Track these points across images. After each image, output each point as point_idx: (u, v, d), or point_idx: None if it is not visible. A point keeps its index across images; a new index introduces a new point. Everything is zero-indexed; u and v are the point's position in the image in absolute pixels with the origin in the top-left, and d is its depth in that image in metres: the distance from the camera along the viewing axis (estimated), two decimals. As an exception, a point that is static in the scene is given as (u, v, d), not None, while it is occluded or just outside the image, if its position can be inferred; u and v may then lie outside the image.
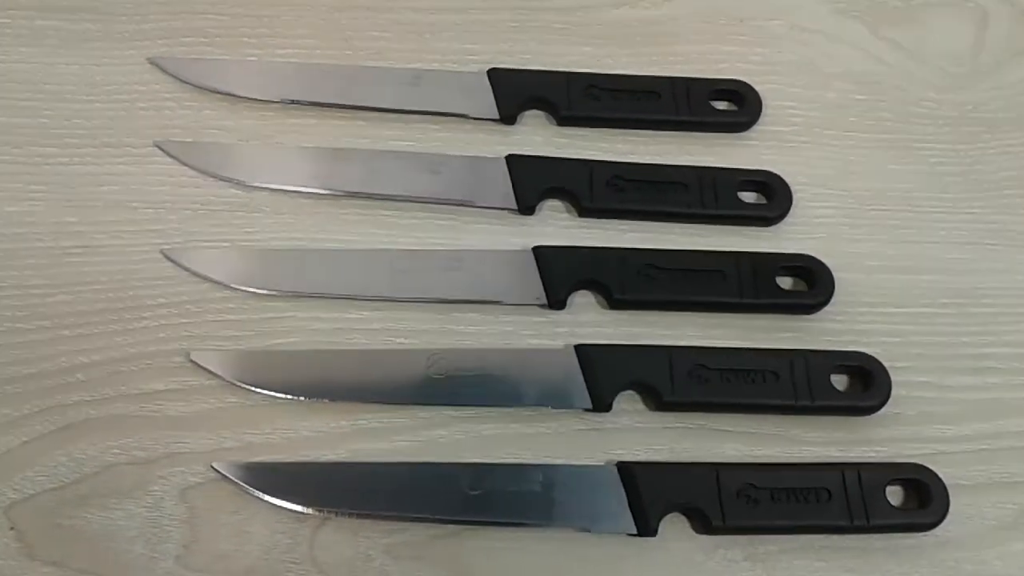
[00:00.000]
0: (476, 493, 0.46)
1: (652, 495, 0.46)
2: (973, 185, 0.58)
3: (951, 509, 0.47)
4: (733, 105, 0.59)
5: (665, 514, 0.46)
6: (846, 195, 0.57)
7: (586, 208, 0.54)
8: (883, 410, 0.50)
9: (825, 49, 0.62)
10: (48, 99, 0.55)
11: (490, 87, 0.57)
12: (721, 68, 0.60)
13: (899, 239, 0.56)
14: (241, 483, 0.45)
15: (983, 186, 0.58)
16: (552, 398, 0.49)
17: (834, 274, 0.53)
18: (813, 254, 0.54)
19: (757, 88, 0.59)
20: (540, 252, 0.52)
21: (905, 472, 0.48)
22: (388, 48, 0.59)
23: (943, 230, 0.57)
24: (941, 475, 0.48)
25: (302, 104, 0.56)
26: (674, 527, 0.47)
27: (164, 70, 0.56)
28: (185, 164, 0.53)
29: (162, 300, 0.50)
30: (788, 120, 0.59)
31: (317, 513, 0.45)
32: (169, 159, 0.54)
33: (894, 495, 0.48)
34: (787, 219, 0.56)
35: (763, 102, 0.59)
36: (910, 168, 0.59)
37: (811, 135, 0.59)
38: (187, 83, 0.56)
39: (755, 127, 0.59)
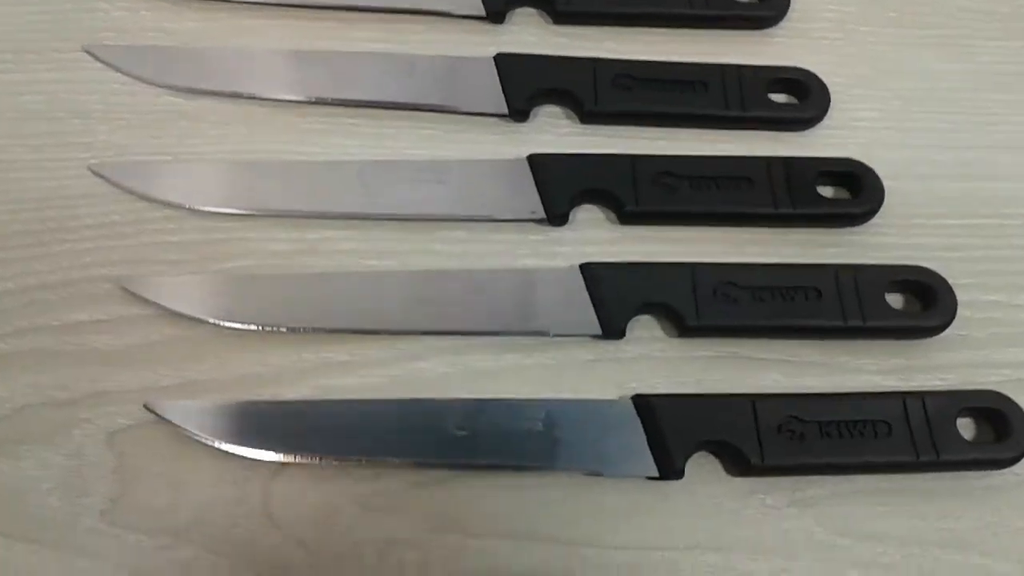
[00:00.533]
0: (464, 433, 0.38)
1: (676, 432, 0.38)
2: (1033, 85, 0.51)
3: (1034, 446, 0.39)
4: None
5: (692, 453, 0.39)
6: (889, 96, 0.50)
7: (589, 112, 0.46)
8: (947, 333, 0.43)
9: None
10: (-35, 4, 0.48)
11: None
12: (741, -34, 0.53)
13: (952, 144, 0.49)
14: (180, 425, 0.37)
15: (1045, 86, 0.51)
16: (555, 324, 0.41)
17: (884, 182, 0.45)
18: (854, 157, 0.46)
19: (781, -17, 0.52)
20: (536, 160, 0.44)
21: (978, 400, 0.40)
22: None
23: (1001, 133, 0.49)
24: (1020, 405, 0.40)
25: (255, 3, 0.49)
26: (703, 469, 0.39)
27: (97, -30, 0.49)
28: (118, 70, 0.46)
29: (89, 221, 0.42)
30: (819, 16, 0.52)
31: (273, 460, 0.37)
32: (100, 65, 0.46)
33: (965, 428, 0.40)
34: (823, 123, 0.48)
35: (790, -2, 0.51)
36: (959, 67, 0.51)
37: (845, 31, 0.52)
38: (123, -18, 0.48)
39: (782, 23, 0.51)
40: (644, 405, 0.39)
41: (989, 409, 0.40)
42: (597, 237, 0.44)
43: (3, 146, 0.44)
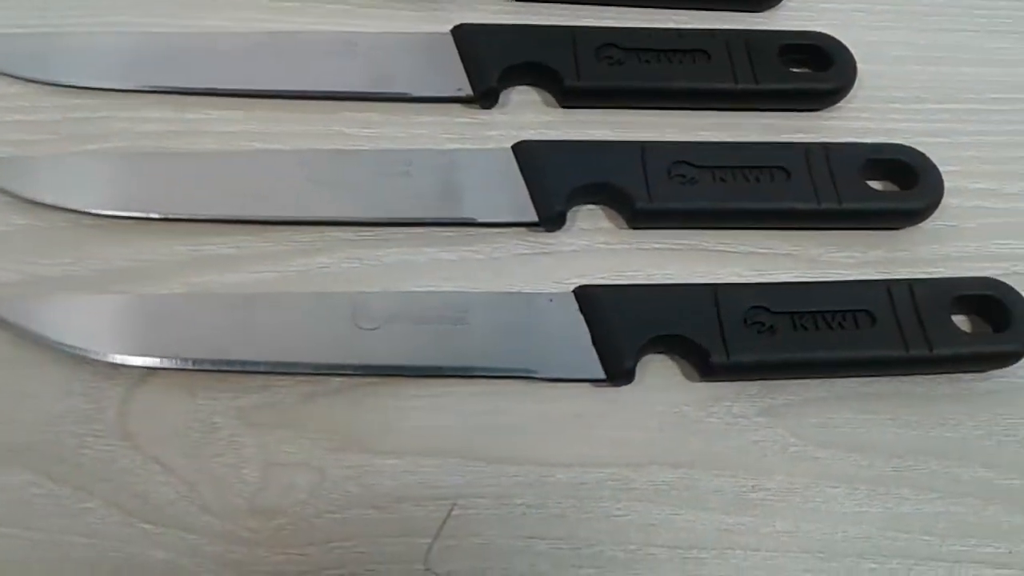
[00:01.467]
0: (370, 328, 0.32)
1: (625, 327, 0.32)
2: (1014, -30, 0.46)
3: (1036, 347, 0.34)
4: None
5: (644, 353, 0.33)
6: (860, -20, 0.45)
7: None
8: (932, 223, 0.37)
9: None
10: None
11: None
12: None
13: (929, 27, 0.44)
14: (19, 323, 0.30)
15: (1024, -29, 0.46)
16: (483, 210, 0.35)
17: (858, 66, 0.40)
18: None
19: None
20: (461, 31, 0.38)
21: (973, 287, 0.35)
22: None
23: (982, 18, 0.45)
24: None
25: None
26: (658, 373, 0.33)
27: None
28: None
29: (-77, 97, 0.36)
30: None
31: (135, 365, 0.30)
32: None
33: (960, 325, 0.34)
34: (786, 3, 0.43)
35: None
36: (934, -51, 0.46)
37: (809, -85, 0.46)
38: None
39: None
40: (586, 297, 0.33)
41: (986, 298, 0.34)
42: (533, 121, 0.38)
43: None
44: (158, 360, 0.30)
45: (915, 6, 0.44)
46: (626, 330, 0.32)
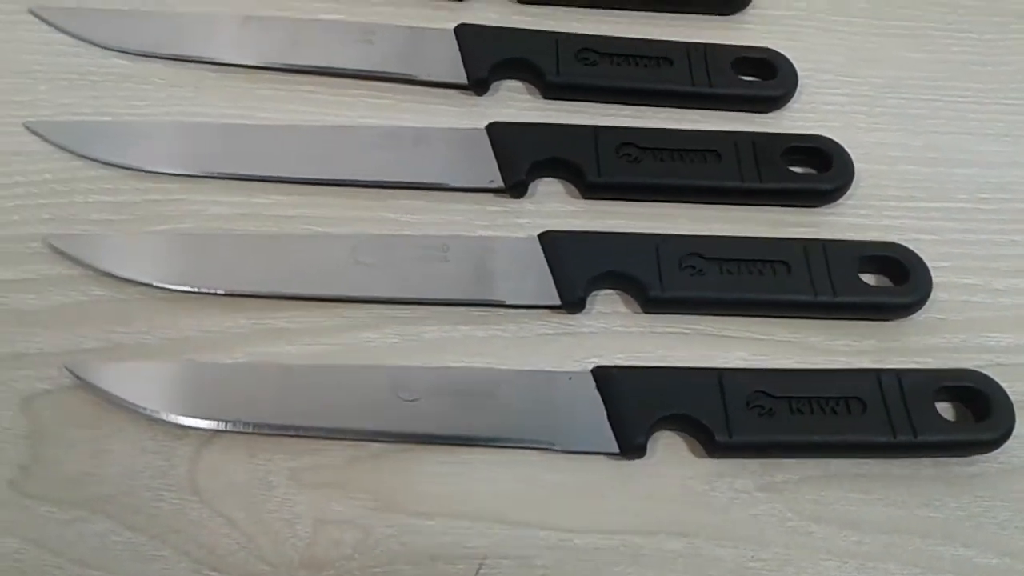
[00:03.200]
0: (411, 401, 0.36)
1: (637, 405, 0.36)
2: (1005, 76, 0.50)
3: (1015, 432, 0.37)
4: (722, -13, 0.51)
5: (655, 429, 0.36)
6: (859, 82, 0.49)
7: (551, 85, 0.45)
8: (923, 315, 0.41)
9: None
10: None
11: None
12: (705, -51, 0.52)
13: (925, 129, 0.47)
14: (102, 388, 0.34)
15: (1017, 78, 0.50)
16: (512, 293, 0.39)
17: (853, 162, 0.44)
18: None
19: (749, -25, 0.51)
20: (495, 128, 0.43)
21: (957, 379, 0.38)
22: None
23: (975, 121, 0.48)
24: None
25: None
26: (667, 448, 0.37)
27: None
28: (64, 31, 0.44)
29: (19, 178, 0.40)
30: (789, 4, 0.51)
31: (202, 428, 0.34)
32: (46, 27, 0.44)
33: (944, 412, 0.38)
34: (792, 104, 0.47)
35: (755, -15, 0.50)
36: (930, 57, 0.50)
37: (815, 19, 0.51)
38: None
39: (750, 9, 0.50)
40: (603, 376, 0.37)
41: (969, 389, 0.38)
42: (558, 210, 0.42)
43: (-65, 103, 0.42)
44: (221, 424, 0.34)
45: (910, 109, 0.48)
46: (639, 409, 0.36)
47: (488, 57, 0.45)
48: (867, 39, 0.50)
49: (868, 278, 0.41)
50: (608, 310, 0.40)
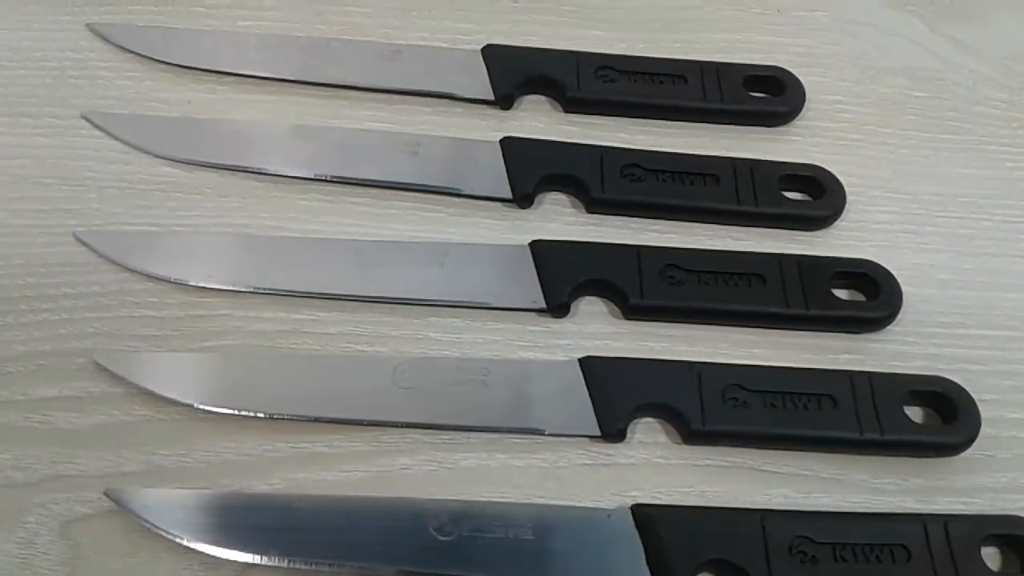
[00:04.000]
0: (447, 539, 0.35)
1: (678, 547, 0.35)
2: (1061, 195, 0.49)
3: (1065, 581, 0.36)
4: (770, 95, 0.50)
5: (696, 573, 0.35)
6: (908, 199, 0.48)
7: (595, 200, 0.45)
8: (970, 453, 0.40)
9: (877, 42, 0.54)
10: (-37, 64, 0.47)
11: (484, 65, 0.48)
12: (755, 58, 0.52)
13: (975, 251, 0.46)
14: (141, 516, 0.34)
15: (1076, 197, 0.49)
16: (551, 422, 0.38)
17: (901, 287, 0.43)
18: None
19: (801, 80, 0.50)
20: (538, 247, 0.43)
21: (1003, 527, 0.37)
22: (367, 24, 0.51)
23: (1026, 243, 0.47)
24: (1053, 534, 0.37)
25: (261, 78, 0.48)
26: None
27: (103, 37, 0.48)
28: (116, 138, 0.45)
29: (68, 290, 0.40)
30: (836, 115, 0.51)
31: (239, 560, 0.34)
32: (98, 133, 0.45)
33: (990, 558, 0.37)
34: (839, 223, 0.46)
35: (808, 96, 0.50)
36: (982, 173, 0.49)
37: (863, 132, 0.50)
38: (128, 51, 0.48)
39: (797, 121, 0.50)
40: (643, 516, 0.36)
41: (1016, 537, 0.37)
42: (599, 331, 0.42)
43: (-13, 210, 0.43)
44: (258, 557, 0.34)
45: (960, 228, 0.47)
46: (679, 552, 0.35)
47: (533, 172, 0.45)
48: (916, 152, 0.50)
49: (915, 411, 0.40)
50: (648, 439, 0.39)
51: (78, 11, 0.49)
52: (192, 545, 0.34)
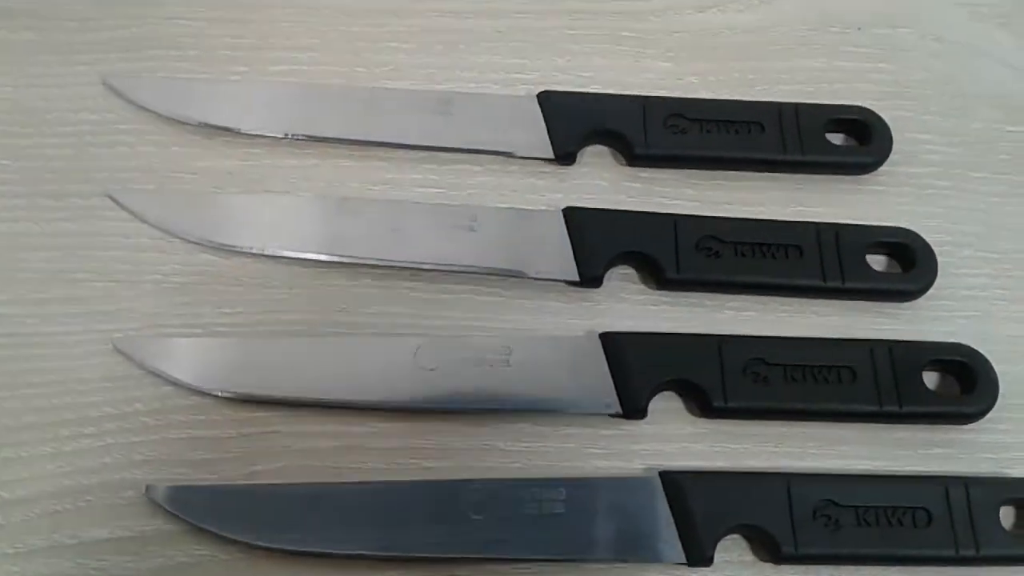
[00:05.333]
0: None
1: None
2: None
3: None
4: (853, 139, 0.46)
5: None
6: (1000, 259, 0.44)
7: (669, 280, 0.41)
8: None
9: (966, 65, 0.49)
10: (-27, 132, 0.43)
11: (541, 115, 0.44)
12: (836, 89, 0.47)
13: (1074, 322, 0.43)
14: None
15: None
16: (625, 551, 0.36)
17: (994, 366, 0.40)
18: (963, 339, 0.41)
19: (883, 116, 0.46)
20: (611, 341, 0.40)
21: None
22: (409, 63, 0.46)
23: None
24: None
25: (301, 139, 0.43)
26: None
27: (122, 94, 0.43)
28: (146, 222, 0.41)
29: (110, 410, 0.38)
30: (923, 159, 0.46)
31: None
32: (125, 215, 0.41)
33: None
34: (929, 292, 0.43)
35: (892, 133, 0.45)
36: (1084, 219, 0.46)
37: (952, 178, 0.46)
38: (151, 111, 0.43)
39: (883, 168, 0.46)
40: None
41: None
42: (677, 433, 0.39)
43: (16, 315, 0.39)
44: None
45: None
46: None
47: (601, 250, 0.41)
48: (1008, 200, 0.46)
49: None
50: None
51: (93, 60, 0.45)
52: None
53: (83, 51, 0.45)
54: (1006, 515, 0.38)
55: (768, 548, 0.37)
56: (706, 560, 0.36)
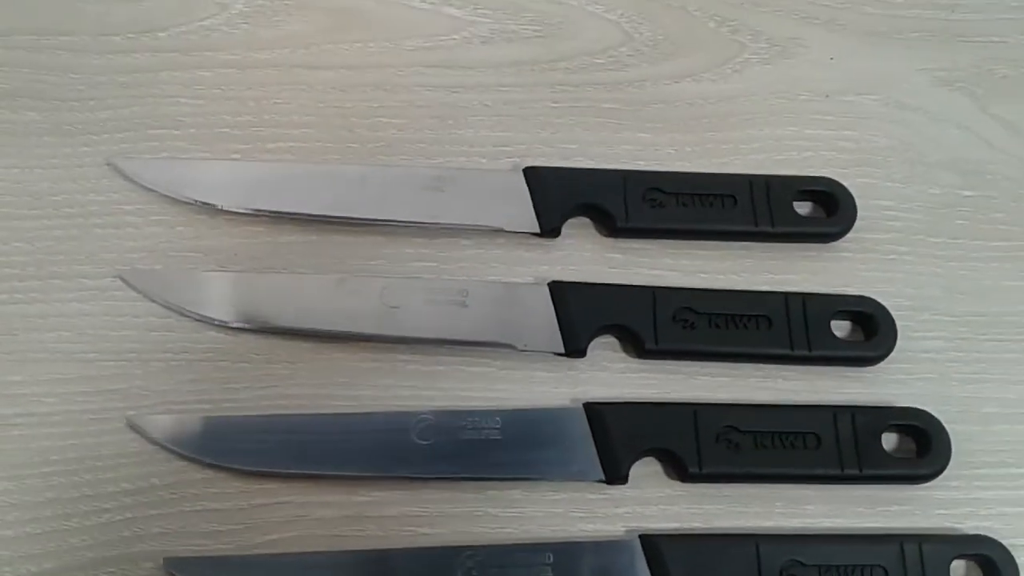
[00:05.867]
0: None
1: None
2: (1118, 311, 0.49)
3: None
4: (821, 208, 0.49)
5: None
6: (955, 322, 0.47)
7: (648, 351, 0.44)
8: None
9: (927, 131, 0.52)
10: (-18, 214, 0.45)
11: (527, 191, 0.47)
12: (805, 157, 0.50)
13: (1021, 378, 0.47)
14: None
15: None
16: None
17: (947, 427, 0.44)
18: (921, 402, 0.44)
19: (848, 184, 0.49)
20: (594, 413, 0.42)
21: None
22: (401, 138, 0.49)
23: (1075, 369, 0.47)
24: None
25: (300, 217, 0.46)
26: None
27: (126, 177, 0.46)
28: (154, 301, 0.43)
29: (127, 486, 0.40)
30: (885, 225, 0.49)
31: None
32: (134, 295, 0.44)
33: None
34: (889, 356, 0.46)
35: (856, 201, 0.48)
36: (1029, 284, 0.49)
37: (912, 244, 0.49)
38: (154, 191, 0.45)
39: (848, 235, 0.49)
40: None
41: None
42: (656, 496, 0.42)
43: (33, 395, 0.41)
44: None
45: (1006, 353, 0.46)
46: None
47: (586, 323, 0.44)
48: (964, 264, 0.49)
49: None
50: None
51: (95, 141, 0.47)
52: None
53: (86, 131, 0.47)
54: (957, 569, 0.42)
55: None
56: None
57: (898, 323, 0.46)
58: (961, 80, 0.54)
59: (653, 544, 0.40)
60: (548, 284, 0.45)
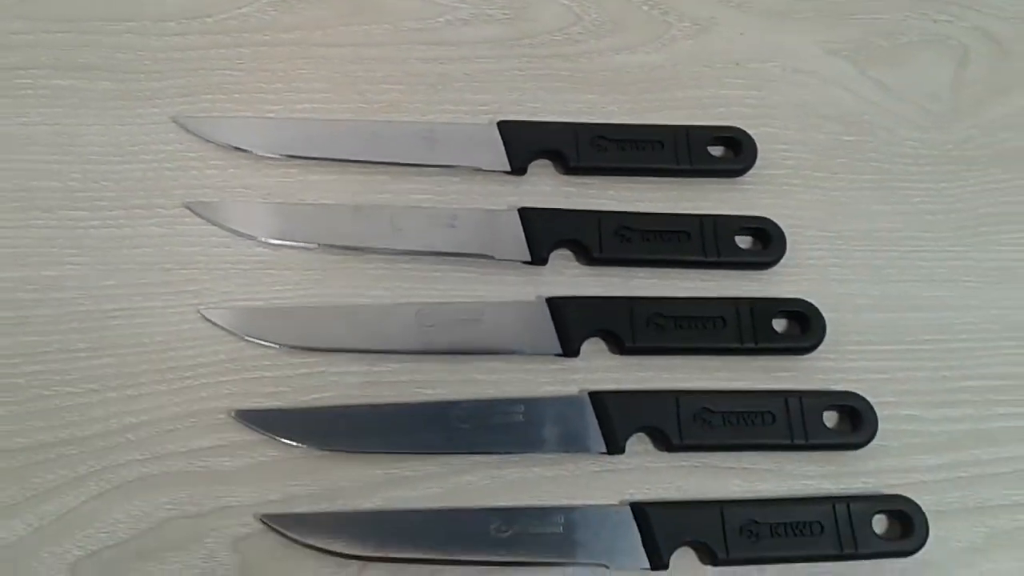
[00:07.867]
0: (504, 535, 0.50)
1: (663, 532, 0.51)
2: (954, 223, 0.62)
3: (931, 534, 0.52)
4: (730, 151, 0.62)
5: (675, 548, 0.51)
6: (835, 237, 0.61)
7: (595, 258, 0.58)
8: (871, 444, 0.55)
9: (818, 91, 0.65)
10: (74, 161, 0.57)
11: (501, 139, 0.60)
12: (719, 112, 0.64)
13: (884, 279, 0.60)
14: (287, 533, 0.49)
15: (963, 224, 0.62)
16: (569, 443, 0.53)
17: (825, 315, 0.57)
18: (806, 295, 0.58)
19: (753, 132, 0.62)
20: (554, 303, 0.56)
21: (889, 504, 0.53)
22: (400, 100, 0.62)
23: (924, 268, 0.61)
24: (922, 503, 0.53)
25: (324, 160, 0.59)
26: (684, 561, 0.52)
27: (188, 130, 0.58)
28: (215, 224, 0.56)
29: (201, 360, 0.53)
30: (781, 163, 0.63)
31: (360, 555, 0.49)
32: (199, 220, 0.56)
33: (879, 523, 0.53)
34: (783, 262, 0.60)
35: (758, 146, 0.62)
36: (894, 208, 0.62)
37: (802, 178, 0.63)
38: (210, 142, 0.58)
39: (751, 171, 0.62)
40: (639, 510, 0.51)
41: (898, 510, 0.53)
42: (602, 366, 0.56)
43: (125, 295, 0.54)
44: (371, 556, 0.49)
45: (874, 260, 0.60)
46: (664, 534, 0.51)
47: (547, 238, 0.57)
48: (844, 193, 0.62)
49: (832, 415, 0.55)
50: (640, 450, 0.54)
51: (161, 104, 0.59)
52: (325, 549, 0.49)
53: (153, 97, 0.60)
54: (830, 418, 0.55)
55: (663, 442, 0.54)
56: (619, 450, 0.53)
57: (789, 238, 0.59)
58: (846, 50, 0.67)
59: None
60: (518, 210, 0.58)
